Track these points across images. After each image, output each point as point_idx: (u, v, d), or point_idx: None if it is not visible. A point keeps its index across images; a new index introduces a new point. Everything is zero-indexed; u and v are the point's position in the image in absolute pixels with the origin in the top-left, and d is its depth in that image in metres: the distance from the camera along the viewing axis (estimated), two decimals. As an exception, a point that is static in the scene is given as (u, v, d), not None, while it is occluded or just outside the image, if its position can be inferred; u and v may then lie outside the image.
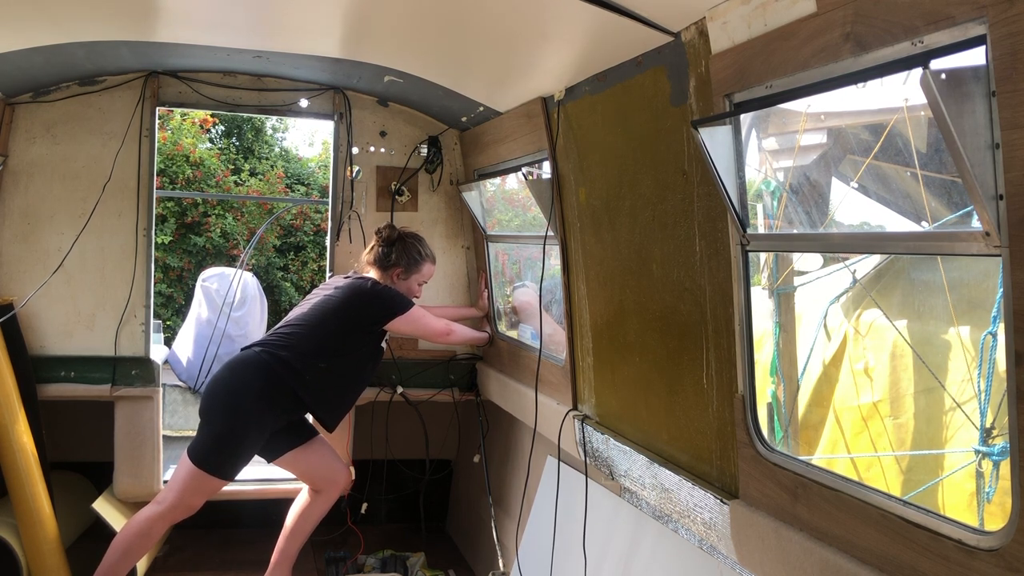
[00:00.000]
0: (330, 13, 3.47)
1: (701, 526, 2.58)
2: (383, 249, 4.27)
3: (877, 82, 1.91)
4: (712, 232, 2.46)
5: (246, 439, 3.82)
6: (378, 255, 4.28)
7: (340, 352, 3.99)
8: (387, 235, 4.28)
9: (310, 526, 4.19)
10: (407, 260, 4.27)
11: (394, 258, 4.25)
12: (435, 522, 5.58)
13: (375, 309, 4.07)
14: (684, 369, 2.70)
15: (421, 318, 4.19)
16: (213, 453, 3.79)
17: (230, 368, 3.92)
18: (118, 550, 3.80)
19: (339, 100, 4.81)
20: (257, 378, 3.83)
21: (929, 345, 4.61)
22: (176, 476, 3.83)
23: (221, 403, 3.84)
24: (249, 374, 3.85)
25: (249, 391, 3.81)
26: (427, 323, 4.23)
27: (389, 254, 4.25)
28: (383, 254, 4.26)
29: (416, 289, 4.34)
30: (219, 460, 3.79)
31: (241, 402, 3.80)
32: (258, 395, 3.80)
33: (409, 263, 4.27)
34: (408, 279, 4.28)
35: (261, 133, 13.46)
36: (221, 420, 3.81)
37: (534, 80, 3.44)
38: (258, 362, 3.86)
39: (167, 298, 11.56)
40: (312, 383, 3.89)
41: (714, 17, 2.21)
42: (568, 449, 3.61)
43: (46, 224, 4.41)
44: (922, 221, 4.60)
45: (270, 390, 3.83)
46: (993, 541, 1.60)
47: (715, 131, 2.24)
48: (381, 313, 4.07)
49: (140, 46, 4.05)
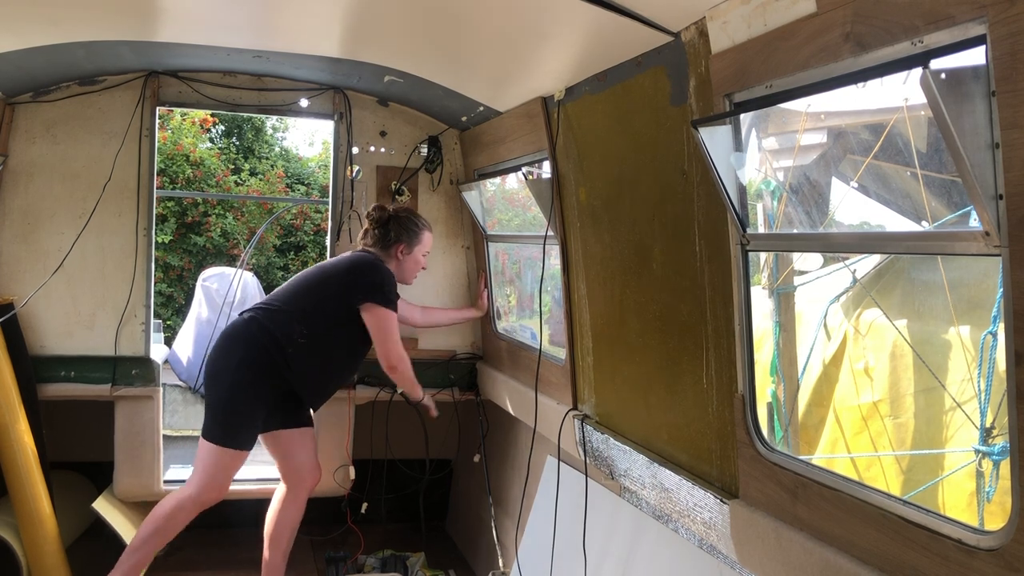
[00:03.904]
0: (330, 13, 3.47)
1: (701, 526, 2.58)
2: (379, 230, 4.21)
3: (877, 82, 1.91)
4: (712, 232, 2.46)
5: (241, 405, 3.88)
6: (376, 237, 4.22)
7: (319, 325, 3.97)
8: (379, 215, 4.23)
9: (289, 532, 4.16)
10: (407, 234, 4.22)
11: (393, 235, 4.20)
12: (435, 522, 5.58)
13: (364, 282, 4.02)
14: (684, 369, 2.70)
15: (389, 326, 4.04)
16: (217, 424, 3.87)
17: (220, 340, 4.02)
18: (146, 531, 3.84)
19: (339, 100, 4.81)
20: (240, 348, 3.91)
21: (929, 345, 4.61)
22: (197, 458, 3.91)
23: (211, 374, 3.95)
24: (232, 345, 3.94)
25: (234, 360, 3.88)
26: (390, 335, 4.05)
27: (387, 233, 4.20)
28: (381, 235, 4.21)
29: (422, 260, 4.32)
30: (223, 431, 3.85)
31: (230, 371, 3.88)
32: (245, 364, 3.87)
33: (410, 237, 4.22)
34: (412, 252, 4.24)
35: (261, 133, 13.47)
36: (215, 391, 3.91)
37: (534, 80, 3.44)
38: (244, 333, 3.94)
39: (167, 298, 11.57)
40: (294, 356, 3.91)
41: (714, 17, 2.21)
42: (568, 449, 3.61)
43: (46, 224, 4.42)
44: (922, 221, 4.60)
45: (256, 357, 3.89)
46: (993, 541, 1.60)
47: (715, 131, 2.24)
48: (367, 289, 3.99)
49: (140, 46, 4.05)
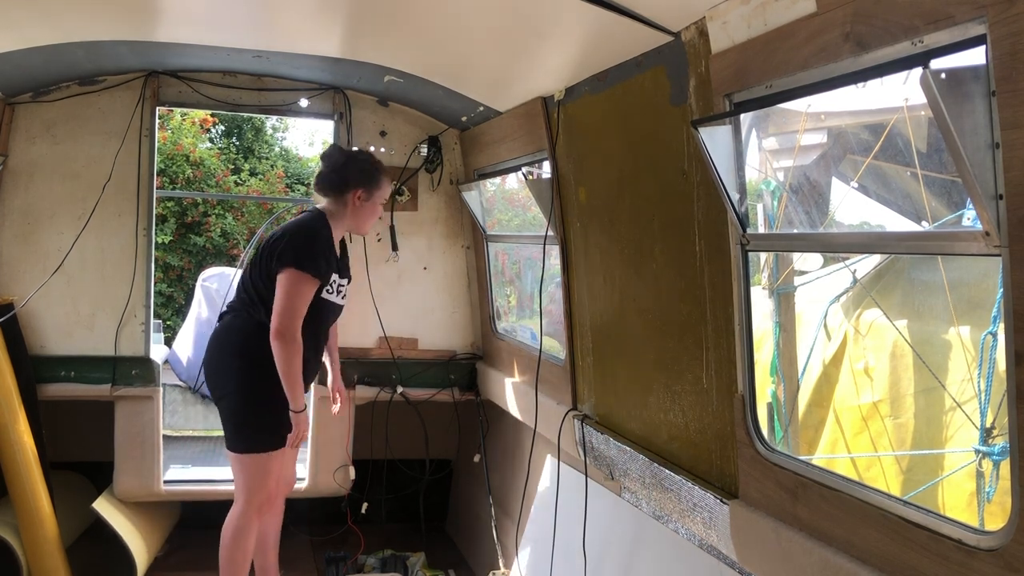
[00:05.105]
0: (330, 13, 3.47)
1: (701, 526, 2.58)
2: (334, 174, 3.74)
3: (877, 82, 1.91)
4: (712, 232, 2.46)
5: (259, 406, 3.61)
6: (331, 181, 3.74)
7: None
8: (335, 156, 3.82)
9: (274, 538, 4.01)
10: (366, 179, 3.73)
11: (351, 179, 3.71)
12: (435, 522, 5.58)
13: (283, 246, 3.55)
14: (684, 369, 2.70)
15: (296, 293, 3.49)
16: (240, 433, 3.64)
17: (208, 350, 3.76)
18: (225, 562, 3.69)
19: (339, 100, 4.81)
20: (229, 354, 3.66)
21: (929, 345, 4.62)
22: (233, 473, 3.70)
23: (215, 385, 3.70)
24: (219, 353, 3.69)
25: (234, 362, 3.64)
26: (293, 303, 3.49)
27: (344, 176, 3.72)
28: (336, 179, 3.73)
29: (378, 210, 3.85)
30: (249, 437, 3.62)
31: (234, 377, 3.64)
32: (246, 365, 3.60)
33: (369, 182, 3.74)
34: (372, 199, 3.76)
35: (261, 133, 13.47)
36: (227, 400, 3.66)
37: (534, 80, 3.44)
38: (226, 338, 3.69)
39: (167, 298, 11.56)
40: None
41: (714, 17, 2.21)
42: (568, 449, 3.61)
43: (46, 224, 4.41)
44: (922, 221, 4.61)
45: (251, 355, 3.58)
46: (993, 541, 1.60)
47: (715, 131, 2.24)
48: (286, 253, 3.52)
49: (140, 46, 4.05)
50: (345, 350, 4.72)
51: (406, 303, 4.96)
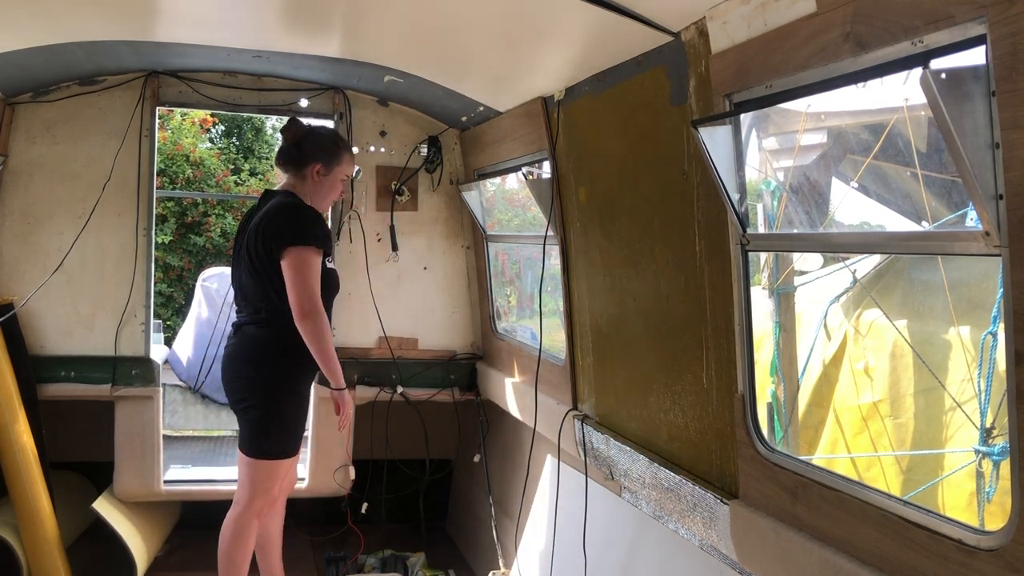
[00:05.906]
0: (330, 13, 3.47)
1: (701, 526, 2.58)
2: (294, 148, 3.69)
3: (877, 82, 1.92)
4: (712, 232, 2.46)
5: (283, 416, 3.62)
6: (290, 156, 3.69)
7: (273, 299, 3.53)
8: (294, 131, 3.71)
9: (278, 538, 4.00)
10: (324, 153, 3.68)
11: (308, 152, 3.65)
12: (435, 522, 5.58)
13: (275, 230, 3.49)
14: (684, 369, 2.70)
15: (306, 266, 3.44)
16: (261, 440, 3.60)
17: (231, 359, 3.70)
18: (223, 563, 3.69)
19: (339, 100, 4.81)
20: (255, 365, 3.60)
21: (929, 345, 4.62)
22: (240, 473, 3.68)
23: (241, 395, 3.63)
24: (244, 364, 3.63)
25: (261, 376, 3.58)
26: (306, 278, 3.44)
27: (302, 151, 3.66)
28: (295, 153, 3.67)
29: (340, 185, 3.78)
30: (269, 444, 3.60)
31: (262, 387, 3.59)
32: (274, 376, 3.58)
33: (328, 155, 3.68)
34: (331, 174, 3.69)
35: (261, 133, 13.48)
36: (254, 409, 3.59)
37: (534, 80, 3.44)
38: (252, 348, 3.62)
39: (167, 298, 11.57)
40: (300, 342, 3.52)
41: (714, 17, 2.21)
42: (568, 449, 3.61)
43: (46, 224, 4.41)
44: (922, 221, 4.61)
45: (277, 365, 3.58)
46: (993, 541, 1.60)
47: (715, 131, 2.24)
48: (281, 234, 3.47)
49: (140, 46, 4.05)
50: (345, 350, 4.72)
51: (406, 303, 4.96)
